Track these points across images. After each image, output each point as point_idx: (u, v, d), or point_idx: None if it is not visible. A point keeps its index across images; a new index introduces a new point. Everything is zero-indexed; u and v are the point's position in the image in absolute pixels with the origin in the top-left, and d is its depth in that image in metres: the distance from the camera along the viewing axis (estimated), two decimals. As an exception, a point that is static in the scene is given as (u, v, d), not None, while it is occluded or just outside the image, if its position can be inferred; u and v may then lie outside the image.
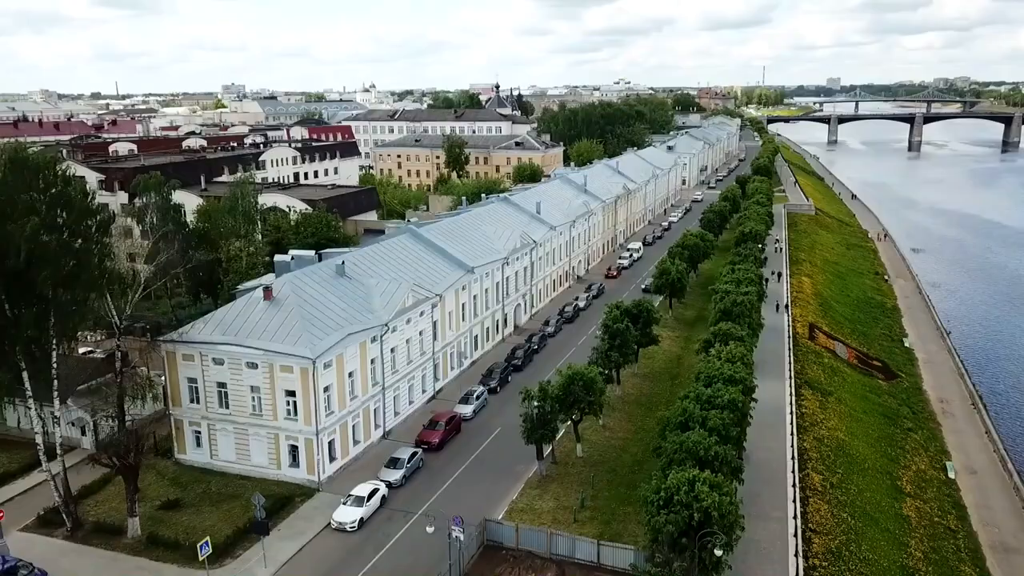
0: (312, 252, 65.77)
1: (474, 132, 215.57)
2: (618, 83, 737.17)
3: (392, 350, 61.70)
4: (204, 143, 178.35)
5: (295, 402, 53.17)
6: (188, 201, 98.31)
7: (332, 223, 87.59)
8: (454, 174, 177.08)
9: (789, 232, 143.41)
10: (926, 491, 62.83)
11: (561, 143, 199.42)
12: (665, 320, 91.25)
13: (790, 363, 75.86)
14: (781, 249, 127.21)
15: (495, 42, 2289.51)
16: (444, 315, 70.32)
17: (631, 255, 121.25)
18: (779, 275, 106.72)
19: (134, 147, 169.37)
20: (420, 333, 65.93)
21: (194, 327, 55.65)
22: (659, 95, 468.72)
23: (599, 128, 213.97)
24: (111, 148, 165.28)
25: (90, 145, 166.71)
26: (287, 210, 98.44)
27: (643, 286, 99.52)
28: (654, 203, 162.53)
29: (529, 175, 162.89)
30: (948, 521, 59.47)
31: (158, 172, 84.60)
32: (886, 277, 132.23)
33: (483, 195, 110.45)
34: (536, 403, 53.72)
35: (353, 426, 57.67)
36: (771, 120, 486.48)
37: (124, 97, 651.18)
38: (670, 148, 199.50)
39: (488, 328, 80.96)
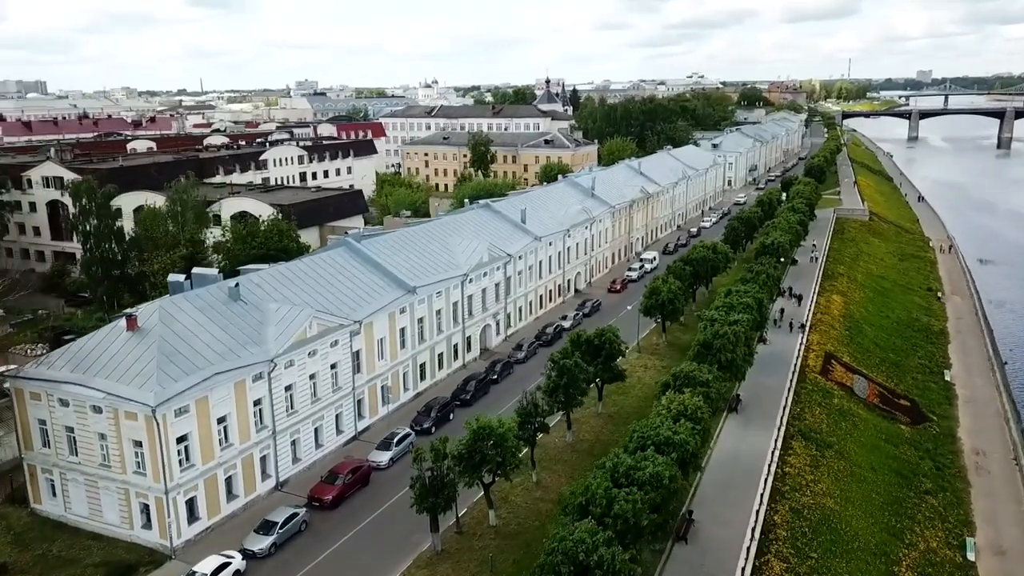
0: (215, 270, 57.70)
1: (506, 129, 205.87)
2: (690, 77, 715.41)
3: (288, 388, 53.16)
4: (227, 140, 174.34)
5: (143, 454, 45.27)
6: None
7: (285, 231, 79.49)
8: (479, 173, 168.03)
9: (833, 240, 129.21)
10: (932, 580, 50.65)
11: (596, 140, 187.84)
12: (656, 347, 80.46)
13: (785, 407, 64.17)
14: (817, 259, 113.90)
15: (571, 37, 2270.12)
16: (371, 343, 61.39)
17: (643, 266, 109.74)
18: (799, 299, 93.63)
19: (153, 145, 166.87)
20: (332, 366, 57.13)
21: (43, 361, 48.34)
22: (726, 90, 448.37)
23: (639, 124, 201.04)
24: (129, 146, 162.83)
25: (98, 144, 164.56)
26: (258, 217, 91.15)
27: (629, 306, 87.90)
28: (685, 207, 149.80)
29: (556, 174, 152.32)
30: (954, 624, 47.39)
31: (91, 177, 78.52)
32: (939, 294, 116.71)
33: (466, 200, 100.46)
34: (428, 464, 44.45)
35: (228, 478, 49.41)
36: (847, 115, 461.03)
37: (203, 93, 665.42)
38: (715, 146, 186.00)
39: (442, 354, 71.70)
